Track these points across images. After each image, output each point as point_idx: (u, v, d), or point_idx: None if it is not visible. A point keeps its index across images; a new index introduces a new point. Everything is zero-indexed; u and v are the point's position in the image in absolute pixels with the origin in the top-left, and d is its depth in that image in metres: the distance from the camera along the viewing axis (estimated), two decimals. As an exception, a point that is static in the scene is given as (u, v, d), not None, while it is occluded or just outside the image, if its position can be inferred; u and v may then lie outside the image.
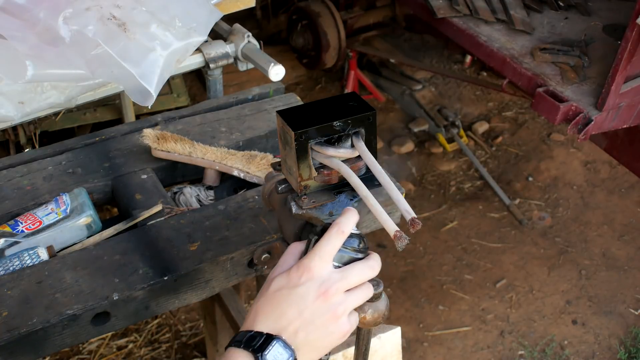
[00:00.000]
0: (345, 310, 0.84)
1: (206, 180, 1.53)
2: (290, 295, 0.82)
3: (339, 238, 0.85)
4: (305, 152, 0.93)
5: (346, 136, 0.95)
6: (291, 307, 0.82)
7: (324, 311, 0.82)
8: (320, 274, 0.83)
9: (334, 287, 0.83)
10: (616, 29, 2.74)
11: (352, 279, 0.85)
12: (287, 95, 1.81)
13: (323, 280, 0.83)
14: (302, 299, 0.82)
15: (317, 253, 0.84)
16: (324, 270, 0.84)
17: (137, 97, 1.45)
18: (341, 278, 0.84)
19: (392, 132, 3.97)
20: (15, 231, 1.31)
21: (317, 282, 0.83)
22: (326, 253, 0.84)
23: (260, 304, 0.84)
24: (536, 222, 3.41)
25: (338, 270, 0.85)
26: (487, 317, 2.91)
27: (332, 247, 0.85)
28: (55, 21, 1.35)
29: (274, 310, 0.83)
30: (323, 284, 0.83)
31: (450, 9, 2.85)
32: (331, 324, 0.83)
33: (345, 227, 0.86)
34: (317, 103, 0.97)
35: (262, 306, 0.84)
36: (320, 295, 0.82)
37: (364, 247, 0.89)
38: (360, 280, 0.86)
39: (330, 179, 0.98)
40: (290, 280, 0.83)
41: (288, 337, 0.81)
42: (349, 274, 0.84)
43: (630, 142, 2.72)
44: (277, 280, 0.85)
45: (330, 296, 0.82)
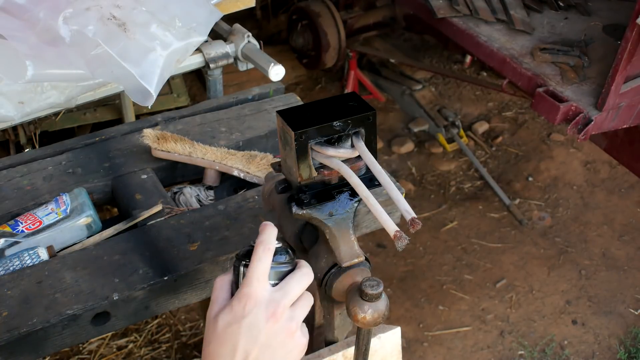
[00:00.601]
0: (297, 324, 0.83)
1: (206, 180, 1.53)
2: (240, 328, 0.80)
3: (267, 256, 0.84)
4: (305, 152, 0.93)
5: (346, 136, 0.96)
6: (246, 339, 0.80)
7: (278, 332, 0.81)
8: (263, 297, 0.82)
9: (281, 306, 0.81)
10: (616, 29, 2.74)
11: (294, 292, 0.84)
12: (287, 95, 1.81)
13: (267, 302, 0.81)
14: (254, 327, 0.80)
15: (254, 277, 0.82)
16: (264, 291, 0.82)
17: (137, 97, 1.45)
18: (284, 295, 0.83)
19: (392, 132, 3.97)
20: (15, 231, 1.31)
21: (262, 306, 0.81)
22: (261, 274, 0.82)
23: (213, 346, 0.81)
24: (536, 222, 3.41)
25: (277, 288, 0.83)
26: (487, 317, 2.91)
27: (265, 267, 0.83)
28: (55, 21, 1.36)
29: (230, 347, 0.80)
30: (269, 306, 0.81)
31: (450, 9, 2.85)
32: (289, 342, 0.82)
33: (269, 243, 0.85)
34: (317, 103, 0.98)
35: (215, 347, 0.81)
36: (270, 317, 0.80)
37: (290, 258, 0.88)
38: (301, 290, 0.85)
39: (330, 179, 0.98)
40: (236, 313, 0.81)
41: None
42: (289, 289, 0.84)
43: (630, 142, 2.72)
44: (222, 317, 0.82)
45: (279, 316, 0.81)
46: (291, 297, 0.83)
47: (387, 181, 0.89)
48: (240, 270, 0.85)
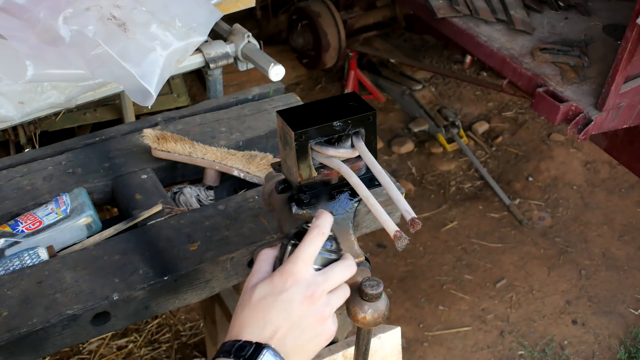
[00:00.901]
0: (330, 312, 0.84)
1: (206, 180, 1.53)
2: (276, 301, 0.81)
3: (319, 240, 0.85)
4: (305, 152, 0.93)
5: (346, 136, 0.95)
6: (279, 313, 0.81)
7: (311, 314, 0.82)
8: (305, 278, 0.83)
9: (320, 290, 0.83)
10: (616, 29, 2.74)
11: (335, 279, 0.85)
12: (287, 95, 1.81)
13: (308, 284, 0.82)
14: (289, 304, 0.81)
15: (300, 257, 0.83)
16: (307, 273, 0.83)
17: (137, 97, 1.45)
18: (325, 280, 0.84)
19: (392, 132, 3.97)
20: (15, 231, 1.31)
21: (303, 286, 0.82)
22: (308, 256, 0.84)
23: (246, 313, 0.83)
24: (536, 222, 3.41)
25: (320, 273, 0.85)
26: (487, 317, 2.91)
27: (314, 250, 0.85)
28: (55, 21, 1.35)
29: (261, 318, 0.81)
30: (309, 287, 0.82)
31: (450, 9, 2.85)
32: (319, 326, 0.83)
33: (324, 228, 0.86)
34: (317, 103, 0.97)
35: (248, 315, 0.82)
36: (307, 298, 0.82)
37: (337, 247, 0.90)
38: (342, 280, 0.86)
39: (330, 179, 0.98)
40: (275, 287, 0.82)
41: (276, 344, 0.81)
42: (331, 275, 0.85)
43: (630, 142, 2.72)
44: (260, 288, 0.83)
45: (316, 299, 0.82)
46: (332, 283, 0.84)
47: (387, 181, 0.89)
48: (288, 248, 0.87)
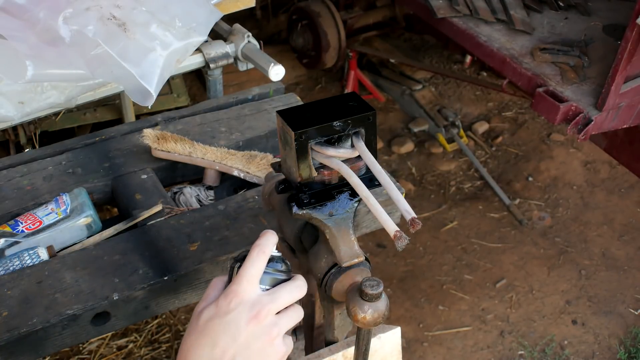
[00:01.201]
0: (279, 332, 0.82)
1: (206, 180, 1.53)
2: (221, 323, 0.80)
3: (261, 259, 0.84)
4: (305, 152, 0.93)
5: (346, 136, 0.96)
6: (224, 335, 0.79)
7: (259, 334, 0.80)
8: (250, 297, 0.81)
9: (266, 309, 0.81)
10: (616, 29, 2.74)
11: (282, 300, 0.83)
12: (287, 95, 1.81)
13: (253, 303, 0.81)
14: (235, 324, 0.80)
15: (244, 276, 0.82)
16: (252, 293, 0.82)
17: (137, 97, 1.45)
18: (271, 300, 0.82)
19: (392, 132, 3.97)
20: (15, 231, 1.31)
21: (247, 305, 0.81)
22: (252, 276, 0.82)
23: (193, 338, 0.81)
24: (536, 222, 3.41)
25: (267, 293, 0.83)
26: (487, 317, 2.91)
27: (257, 270, 0.83)
28: (55, 21, 1.35)
29: (207, 341, 0.80)
30: (253, 306, 0.81)
31: (450, 9, 2.85)
32: (267, 347, 0.81)
33: (265, 248, 0.85)
34: (317, 103, 0.98)
35: (194, 339, 0.81)
36: (253, 318, 0.80)
37: (287, 268, 0.88)
38: (290, 300, 0.84)
39: (330, 179, 0.98)
40: (220, 309, 0.81)
41: None
42: (278, 296, 0.83)
43: (630, 142, 2.72)
44: (206, 312, 0.82)
45: (262, 318, 0.80)
46: (279, 303, 0.83)
47: (387, 181, 0.89)
48: (234, 270, 0.85)
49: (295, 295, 0.85)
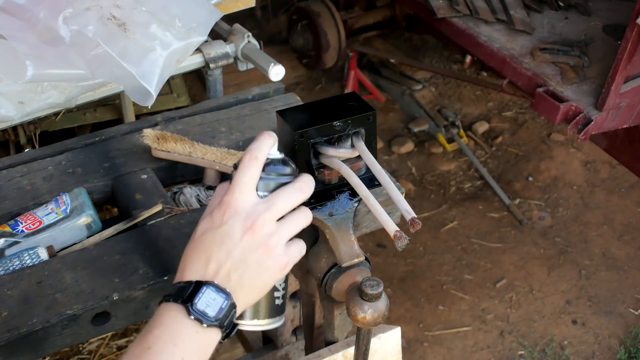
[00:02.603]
0: (279, 242, 0.77)
1: (206, 180, 1.53)
2: (215, 236, 0.76)
3: (253, 166, 0.78)
4: (305, 152, 0.93)
5: (346, 136, 0.96)
6: (219, 248, 0.75)
7: (255, 246, 0.76)
8: (243, 207, 0.76)
9: (261, 219, 0.76)
10: (616, 29, 2.74)
11: (280, 206, 0.78)
12: (287, 95, 1.81)
13: (248, 214, 0.76)
14: (229, 237, 0.76)
15: (236, 186, 0.77)
16: (246, 202, 0.77)
17: (137, 97, 1.45)
18: (267, 208, 0.77)
19: (392, 132, 3.97)
20: (15, 231, 1.31)
21: (242, 216, 0.76)
22: (245, 184, 0.77)
23: (189, 252, 0.77)
24: (536, 222, 3.41)
25: (263, 200, 0.78)
26: (487, 317, 2.91)
27: (250, 177, 0.78)
28: (55, 21, 1.35)
29: (201, 255, 0.76)
30: (248, 217, 0.76)
31: (450, 9, 2.85)
32: (266, 259, 0.77)
33: (258, 152, 0.79)
34: (317, 103, 0.98)
35: (189, 254, 0.77)
36: (248, 230, 0.76)
37: (291, 171, 0.82)
38: (289, 206, 0.79)
39: (330, 179, 0.98)
40: (214, 221, 0.77)
41: (221, 280, 0.75)
42: (275, 201, 0.78)
43: (630, 142, 2.72)
44: (202, 224, 0.78)
45: (258, 229, 0.76)
46: (276, 210, 0.78)
47: (387, 181, 0.89)
48: (232, 177, 0.81)
49: (295, 199, 0.79)
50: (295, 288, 1.42)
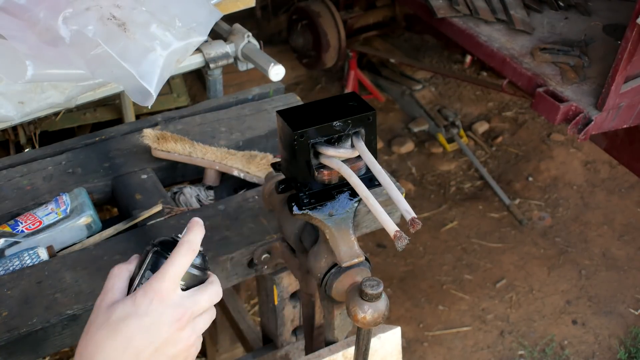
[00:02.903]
0: (197, 337, 0.78)
1: (206, 180, 1.53)
2: (140, 324, 0.73)
3: (189, 256, 0.78)
4: (305, 152, 0.93)
5: (346, 136, 0.96)
6: (141, 337, 0.73)
7: (178, 340, 0.75)
8: (172, 299, 0.75)
9: (189, 314, 0.76)
10: (616, 29, 2.74)
11: (203, 304, 0.78)
12: (287, 95, 1.81)
13: (176, 306, 0.75)
14: (155, 327, 0.74)
15: (168, 274, 0.75)
16: (174, 294, 0.76)
17: (137, 97, 1.44)
18: (194, 303, 0.77)
19: (392, 132, 3.97)
20: (15, 231, 1.31)
21: (170, 307, 0.75)
22: (176, 275, 0.76)
23: (102, 335, 0.73)
24: (536, 222, 3.41)
25: (188, 295, 0.77)
26: (487, 317, 2.91)
27: (182, 268, 0.77)
28: (55, 21, 1.35)
29: (120, 341, 0.73)
30: (176, 310, 0.75)
31: (450, 9, 2.85)
32: (183, 352, 0.77)
33: (196, 245, 0.79)
34: (317, 103, 0.97)
35: (105, 338, 0.73)
36: (175, 322, 0.75)
37: (204, 264, 0.82)
38: (209, 305, 0.79)
39: (330, 179, 0.98)
40: (139, 307, 0.74)
41: None
42: (200, 299, 0.78)
43: (630, 142, 2.72)
44: (120, 308, 0.74)
45: (184, 324, 0.75)
46: (199, 308, 0.78)
47: (387, 181, 0.89)
48: (149, 256, 0.79)
49: (214, 300, 0.80)
50: (295, 288, 1.42)
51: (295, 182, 0.97)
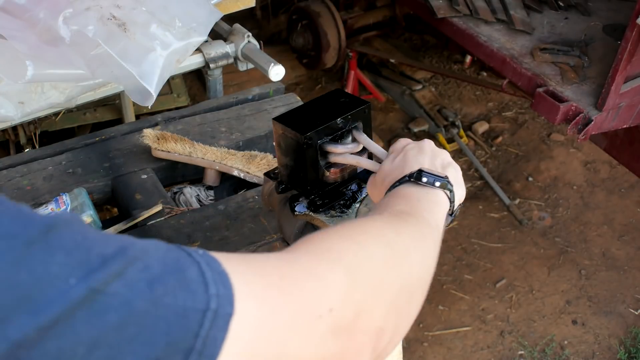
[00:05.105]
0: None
1: (206, 180, 1.53)
2: (422, 146, 0.89)
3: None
4: (315, 155, 0.93)
5: (346, 132, 0.96)
6: (427, 154, 0.87)
7: (446, 155, 0.89)
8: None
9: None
10: (616, 29, 2.74)
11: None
12: (287, 95, 1.81)
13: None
14: (429, 148, 0.89)
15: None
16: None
17: (137, 97, 1.45)
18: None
19: (392, 132, 3.97)
20: (15, 231, 1.30)
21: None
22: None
23: (401, 160, 0.86)
24: (536, 222, 3.41)
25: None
26: (487, 317, 2.91)
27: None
28: (55, 21, 1.35)
29: (413, 157, 0.86)
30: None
31: (450, 9, 2.85)
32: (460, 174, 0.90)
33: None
34: (309, 105, 0.98)
35: (404, 159, 0.86)
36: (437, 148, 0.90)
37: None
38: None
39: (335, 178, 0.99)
40: (412, 143, 0.90)
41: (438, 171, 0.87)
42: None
43: (630, 142, 2.72)
44: (400, 143, 0.91)
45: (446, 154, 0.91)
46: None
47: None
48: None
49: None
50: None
51: (303, 187, 0.96)
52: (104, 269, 0.41)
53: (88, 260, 0.41)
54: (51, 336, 0.38)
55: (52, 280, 0.39)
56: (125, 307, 0.41)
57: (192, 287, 0.45)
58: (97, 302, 0.40)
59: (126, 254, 0.43)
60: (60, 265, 0.40)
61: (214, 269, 0.47)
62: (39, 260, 0.40)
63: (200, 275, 0.45)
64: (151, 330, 0.42)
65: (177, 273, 0.45)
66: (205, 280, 0.45)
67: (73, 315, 0.39)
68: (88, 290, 0.40)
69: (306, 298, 0.52)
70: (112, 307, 0.41)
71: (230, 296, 0.46)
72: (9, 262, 0.39)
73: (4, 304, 0.38)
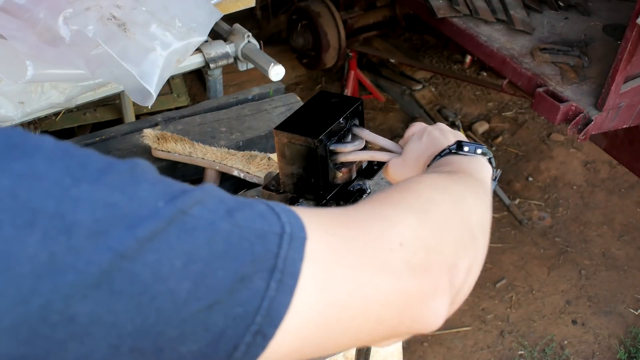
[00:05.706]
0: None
1: (206, 180, 1.53)
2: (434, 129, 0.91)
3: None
4: (326, 158, 0.94)
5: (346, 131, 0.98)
6: (449, 134, 0.90)
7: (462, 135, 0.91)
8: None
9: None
10: (616, 29, 2.74)
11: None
12: (287, 95, 1.81)
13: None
14: (446, 127, 0.92)
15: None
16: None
17: (137, 97, 1.44)
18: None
19: (392, 132, 3.97)
20: (15, 231, 1.30)
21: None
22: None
23: (425, 142, 0.89)
24: (536, 222, 3.41)
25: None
26: (487, 317, 2.91)
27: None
28: (55, 21, 1.35)
29: (440, 134, 0.89)
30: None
31: (450, 9, 2.85)
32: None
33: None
34: (302, 111, 0.98)
35: (429, 141, 0.88)
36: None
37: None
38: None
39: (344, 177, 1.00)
40: (427, 126, 0.93)
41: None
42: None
43: (630, 142, 2.72)
44: (417, 127, 0.93)
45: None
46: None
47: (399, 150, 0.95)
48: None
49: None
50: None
51: (316, 192, 0.97)
52: (185, 197, 0.45)
53: (170, 190, 0.45)
54: (150, 249, 0.41)
55: (142, 201, 0.43)
56: (210, 227, 0.45)
57: (266, 216, 0.49)
58: (186, 222, 0.44)
59: (203, 188, 0.47)
60: (148, 192, 0.44)
61: (281, 207, 0.51)
62: (129, 187, 0.44)
63: (270, 209, 0.49)
64: (237, 248, 0.45)
65: (249, 205, 0.49)
66: (276, 212, 0.49)
67: (167, 231, 0.43)
68: (176, 211, 0.44)
69: (375, 232, 0.55)
70: (199, 226, 0.44)
71: (301, 224, 0.49)
72: (102, 184, 0.42)
73: (103, 219, 0.41)
